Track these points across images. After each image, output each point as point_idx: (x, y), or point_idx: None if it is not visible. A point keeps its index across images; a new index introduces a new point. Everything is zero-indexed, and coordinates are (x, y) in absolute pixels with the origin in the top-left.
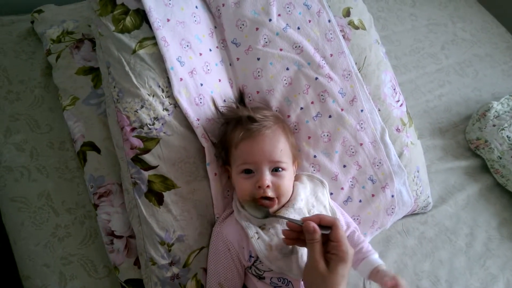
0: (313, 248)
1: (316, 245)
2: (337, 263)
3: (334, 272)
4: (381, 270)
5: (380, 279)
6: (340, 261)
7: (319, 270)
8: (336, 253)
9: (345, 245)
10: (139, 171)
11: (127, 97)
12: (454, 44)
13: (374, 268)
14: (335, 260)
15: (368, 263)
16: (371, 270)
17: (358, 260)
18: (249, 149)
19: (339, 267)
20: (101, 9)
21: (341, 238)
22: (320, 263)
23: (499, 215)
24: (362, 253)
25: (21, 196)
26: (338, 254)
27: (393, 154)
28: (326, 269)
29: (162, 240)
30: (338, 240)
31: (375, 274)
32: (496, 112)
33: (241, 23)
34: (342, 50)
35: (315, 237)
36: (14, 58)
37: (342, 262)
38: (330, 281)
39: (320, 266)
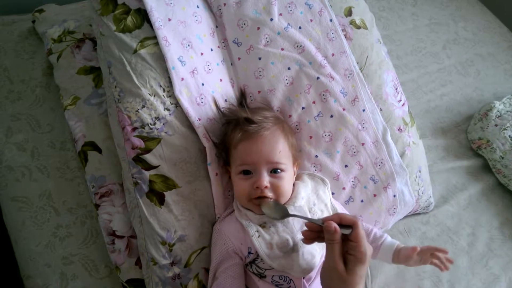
0: (333, 248)
1: (336, 246)
2: (355, 264)
3: (352, 273)
4: (401, 250)
5: (404, 258)
6: (359, 262)
7: (338, 271)
8: (354, 254)
9: (364, 246)
10: (140, 171)
11: (128, 97)
12: (456, 44)
13: (394, 252)
14: (354, 261)
15: (387, 250)
16: (392, 257)
17: (375, 249)
18: (247, 150)
19: (358, 268)
20: (102, 8)
21: (360, 238)
22: (339, 264)
23: (501, 215)
24: (375, 242)
25: (22, 196)
26: (356, 255)
27: (395, 154)
28: (344, 270)
29: (163, 240)
30: (358, 240)
31: (397, 257)
32: (498, 112)
33: (242, 23)
34: (344, 50)
35: (336, 238)
36: (15, 58)
37: (360, 263)
38: (348, 282)
39: (339, 267)
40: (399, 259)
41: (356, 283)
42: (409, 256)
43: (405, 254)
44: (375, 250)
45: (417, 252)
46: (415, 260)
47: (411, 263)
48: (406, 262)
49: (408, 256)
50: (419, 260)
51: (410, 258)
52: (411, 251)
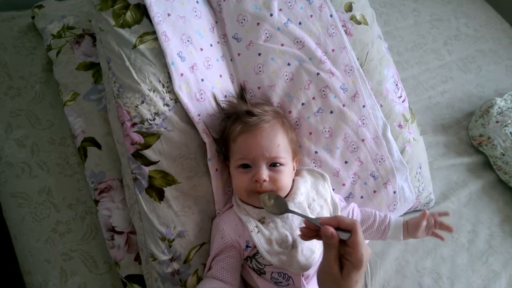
0: (329, 252)
1: (332, 250)
2: (351, 269)
3: (347, 278)
4: (409, 222)
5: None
6: (354, 267)
7: (333, 274)
8: (350, 259)
9: (360, 252)
10: (140, 166)
11: (128, 92)
12: (457, 40)
13: (403, 228)
14: (349, 267)
15: (396, 228)
16: (402, 233)
17: (383, 231)
18: (247, 143)
19: (353, 273)
20: (102, 3)
21: (358, 244)
22: (334, 267)
23: (501, 212)
24: (382, 225)
25: (22, 192)
26: (352, 261)
27: (395, 150)
28: (339, 274)
29: (162, 236)
30: (355, 246)
31: (407, 232)
32: (499, 109)
33: (242, 18)
34: (344, 45)
35: (333, 242)
36: (14, 54)
37: (356, 269)
38: (343, 286)
39: (334, 271)
40: (408, 233)
41: (350, 287)
42: (419, 224)
43: (415, 223)
44: (384, 231)
45: (426, 216)
46: (422, 230)
47: (419, 233)
48: (415, 233)
49: (418, 224)
50: (425, 229)
51: (420, 226)
52: (421, 217)
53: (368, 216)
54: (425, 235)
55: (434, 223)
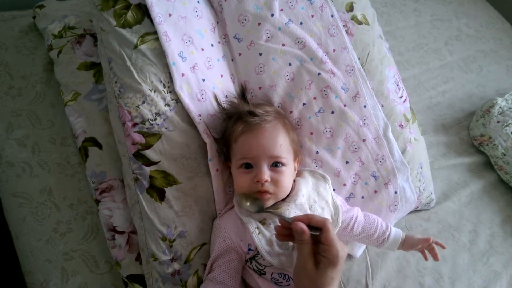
0: (302, 249)
1: (304, 246)
2: (326, 266)
3: (322, 275)
4: (407, 239)
5: (409, 247)
6: (330, 264)
7: (307, 271)
8: (326, 256)
9: (335, 249)
10: (141, 166)
11: (129, 92)
12: (458, 40)
13: (400, 244)
14: (325, 263)
15: (392, 243)
16: (397, 248)
17: (381, 242)
18: (249, 143)
19: (329, 269)
20: (103, 3)
21: (331, 241)
22: (308, 264)
23: (502, 212)
24: (381, 236)
25: (23, 192)
26: (327, 257)
27: (396, 150)
28: (314, 270)
29: (163, 236)
30: (329, 243)
31: (402, 247)
32: (500, 109)
33: (243, 18)
34: (345, 45)
35: (304, 238)
36: (15, 54)
37: (331, 265)
38: (318, 282)
39: (308, 267)
40: (404, 248)
41: (326, 284)
42: (416, 245)
43: (412, 244)
44: (382, 242)
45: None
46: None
47: (413, 250)
48: (409, 249)
49: (415, 245)
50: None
51: (416, 247)
52: (423, 242)
53: (370, 225)
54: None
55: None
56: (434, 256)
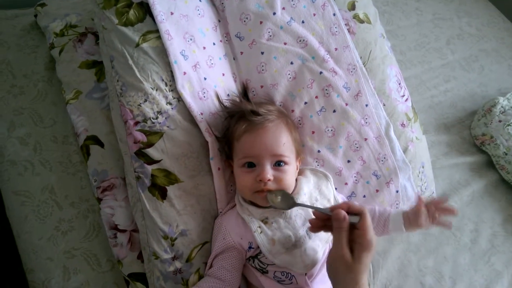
0: (340, 236)
1: (343, 233)
2: (361, 252)
3: (358, 261)
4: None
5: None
6: (364, 250)
7: (344, 258)
8: (360, 242)
9: (370, 234)
10: (143, 165)
11: (131, 91)
12: (460, 39)
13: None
14: (359, 249)
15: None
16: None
17: (385, 223)
18: (251, 142)
19: (363, 256)
20: (105, 2)
21: (367, 226)
22: (346, 251)
23: (504, 211)
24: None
25: (24, 190)
26: (362, 243)
27: (398, 149)
28: (351, 258)
29: (165, 235)
30: (365, 228)
31: (408, 222)
32: (502, 108)
33: (245, 17)
34: (347, 44)
35: (344, 225)
36: (17, 52)
37: (366, 251)
38: (354, 269)
39: (346, 254)
40: (410, 223)
41: (361, 271)
42: (418, 211)
43: (414, 211)
44: (385, 224)
45: (422, 203)
46: (425, 217)
47: (422, 221)
48: (417, 222)
49: (417, 212)
50: (427, 218)
51: (419, 213)
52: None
53: (372, 212)
54: (429, 224)
55: (436, 210)
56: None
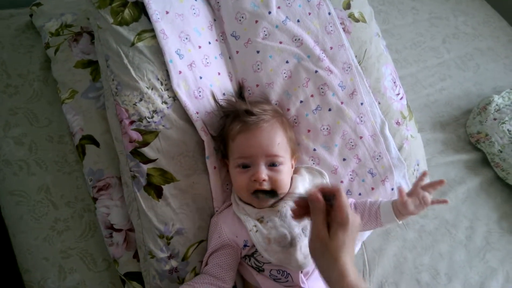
0: (317, 217)
1: (319, 214)
2: (336, 228)
3: (334, 238)
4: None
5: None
6: (340, 226)
7: (320, 237)
8: (336, 220)
9: (345, 211)
10: (138, 164)
11: (126, 90)
12: (456, 38)
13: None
14: (335, 227)
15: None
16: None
17: (376, 215)
18: (246, 142)
19: (339, 232)
20: (100, 1)
21: (342, 204)
22: (321, 230)
23: (499, 209)
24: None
25: (20, 190)
26: (338, 220)
27: (393, 147)
28: (327, 236)
29: (161, 233)
30: (340, 205)
31: (399, 211)
32: (497, 106)
33: (240, 16)
34: (342, 43)
35: (319, 206)
36: (12, 52)
37: (341, 227)
38: (331, 246)
39: (322, 233)
40: (401, 212)
41: (338, 247)
42: (402, 202)
43: (400, 202)
44: (376, 216)
45: (404, 195)
46: (415, 204)
47: (413, 208)
48: (407, 211)
49: (402, 203)
50: (418, 203)
51: (406, 203)
52: (401, 196)
53: (362, 205)
54: (423, 207)
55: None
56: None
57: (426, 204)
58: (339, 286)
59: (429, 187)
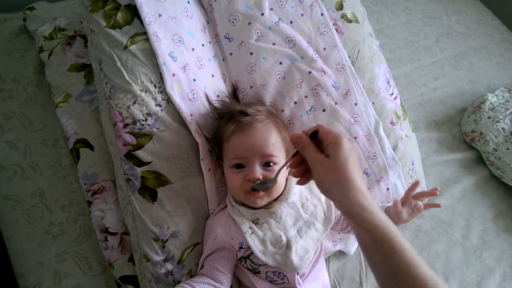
0: (308, 151)
1: (309, 148)
2: (333, 148)
3: (335, 158)
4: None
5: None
6: (335, 146)
7: (321, 162)
8: (328, 143)
9: (333, 132)
10: (132, 167)
11: (119, 93)
12: (449, 37)
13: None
14: (331, 148)
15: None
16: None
17: None
18: (240, 142)
19: (338, 151)
20: (92, 5)
21: (327, 130)
22: (319, 157)
23: (494, 207)
24: None
25: (14, 194)
26: (331, 142)
27: (388, 147)
28: (327, 158)
29: (156, 236)
30: (325, 131)
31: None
32: (491, 104)
33: (233, 18)
34: (335, 44)
35: (305, 141)
36: (6, 56)
37: (337, 146)
38: (335, 166)
39: (320, 158)
40: (394, 219)
41: (343, 164)
42: (396, 211)
43: (394, 211)
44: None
45: (399, 205)
46: (408, 213)
47: (406, 217)
48: (400, 219)
49: (396, 211)
50: (411, 211)
51: (399, 213)
52: (394, 205)
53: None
54: (415, 214)
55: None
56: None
57: (419, 211)
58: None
59: (421, 196)
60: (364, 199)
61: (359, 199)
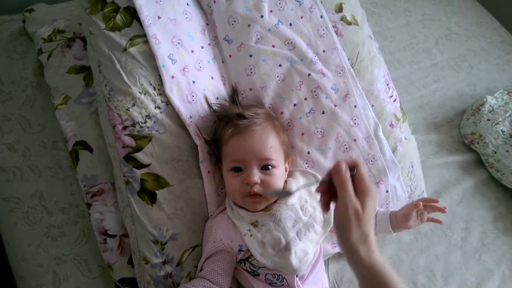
0: (347, 187)
1: (348, 183)
2: (365, 198)
3: (366, 209)
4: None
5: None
6: (367, 195)
7: (355, 209)
8: (362, 190)
9: (368, 180)
10: (132, 169)
11: (119, 95)
12: (449, 39)
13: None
14: (362, 197)
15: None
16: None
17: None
18: (238, 145)
19: (369, 202)
20: (92, 7)
21: (364, 174)
22: (356, 202)
23: (494, 210)
24: None
25: (13, 196)
26: (364, 190)
27: (387, 150)
28: (361, 207)
29: (155, 239)
30: (363, 175)
31: (396, 222)
32: (490, 107)
33: (233, 20)
34: (335, 46)
35: (346, 176)
36: (6, 58)
37: (369, 196)
38: (364, 219)
39: (357, 204)
40: (398, 223)
41: (369, 221)
42: (409, 214)
43: (404, 213)
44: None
45: (420, 204)
46: (414, 219)
47: (411, 224)
48: (406, 224)
49: (408, 214)
50: (416, 219)
51: (410, 216)
52: (412, 208)
53: None
54: (418, 223)
55: (425, 207)
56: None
57: (422, 221)
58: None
59: (432, 209)
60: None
61: (368, 254)
